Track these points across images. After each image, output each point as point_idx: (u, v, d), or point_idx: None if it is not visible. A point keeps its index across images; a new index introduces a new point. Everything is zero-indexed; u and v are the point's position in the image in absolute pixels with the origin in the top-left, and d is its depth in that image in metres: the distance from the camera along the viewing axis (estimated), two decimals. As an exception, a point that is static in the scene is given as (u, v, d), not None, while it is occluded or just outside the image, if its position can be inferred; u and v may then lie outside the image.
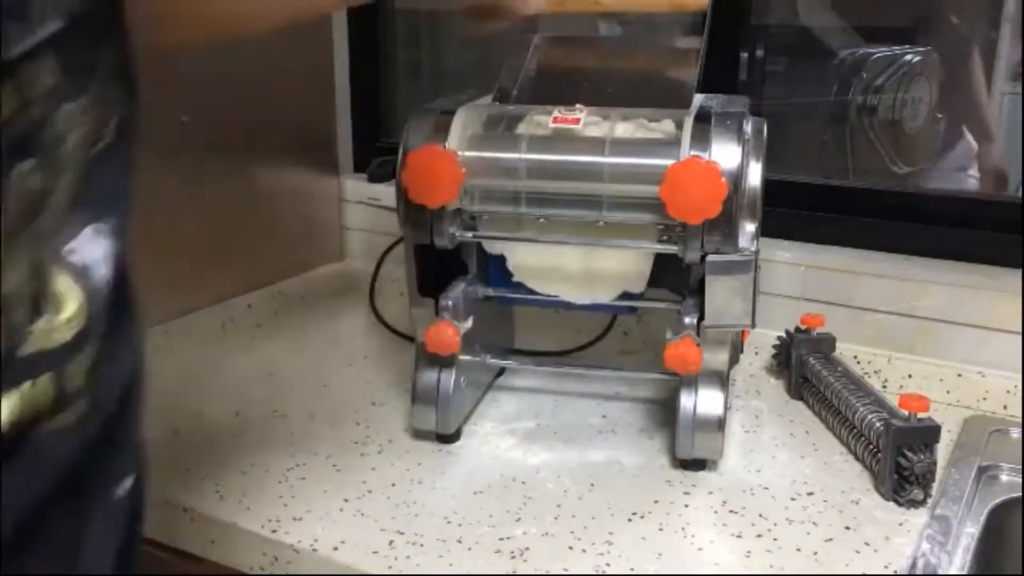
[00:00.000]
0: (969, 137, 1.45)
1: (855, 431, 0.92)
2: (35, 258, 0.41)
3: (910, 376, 1.07)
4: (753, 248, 0.86)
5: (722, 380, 0.89)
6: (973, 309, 1.04)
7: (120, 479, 0.48)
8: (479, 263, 0.98)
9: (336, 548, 0.79)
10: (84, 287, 0.43)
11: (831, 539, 0.80)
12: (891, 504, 0.85)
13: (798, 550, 0.79)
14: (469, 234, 0.93)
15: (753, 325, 0.88)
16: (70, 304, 0.42)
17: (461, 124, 0.90)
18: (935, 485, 0.85)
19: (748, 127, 0.88)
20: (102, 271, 0.44)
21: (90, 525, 0.46)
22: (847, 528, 0.82)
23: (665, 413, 0.99)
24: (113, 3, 0.42)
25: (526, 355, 1.12)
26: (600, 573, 0.76)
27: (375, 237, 1.33)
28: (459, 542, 0.80)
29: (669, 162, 0.83)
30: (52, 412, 0.41)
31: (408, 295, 0.95)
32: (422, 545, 0.79)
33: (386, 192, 1.36)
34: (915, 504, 0.84)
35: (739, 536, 0.81)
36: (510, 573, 0.76)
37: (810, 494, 0.87)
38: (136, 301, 0.47)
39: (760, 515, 0.84)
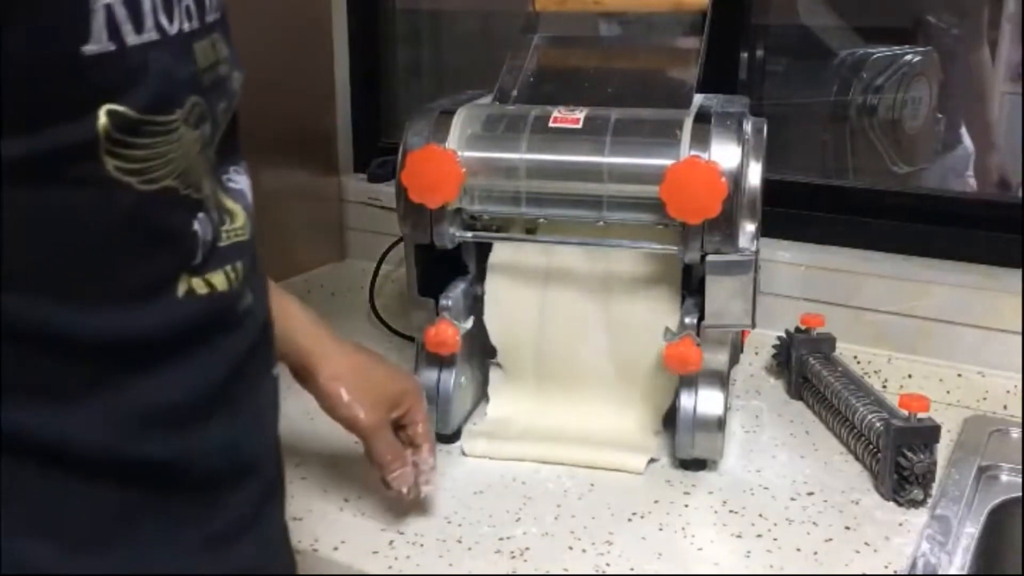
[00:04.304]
0: (967, 142, 1.45)
1: (855, 431, 0.92)
2: (214, 177, 0.53)
3: (910, 376, 1.07)
4: (753, 248, 0.86)
5: (722, 380, 0.89)
6: (973, 309, 1.04)
7: (274, 364, 0.61)
8: (479, 263, 0.98)
9: (336, 548, 0.79)
10: (243, 207, 0.56)
11: (831, 539, 0.80)
12: (891, 504, 0.85)
13: (798, 550, 0.79)
14: (469, 234, 0.93)
15: (753, 325, 0.88)
16: (239, 217, 0.55)
17: (461, 124, 0.90)
18: (935, 485, 0.85)
19: (748, 127, 0.88)
20: (248, 199, 0.58)
21: (262, 397, 0.58)
22: (847, 528, 0.82)
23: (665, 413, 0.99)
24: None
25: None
26: (600, 573, 0.76)
27: (375, 237, 1.32)
28: (459, 542, 0.80)
29: (669, 162, 0.83)
30: (232, 296, 0.53)
31: (408, 295, 0.96)
32: (422, 545, 0.79)
33: (386, 192, 1.36)
34: (915, 504, 0.84)
35: (739, 536, 0.81)
36: (510, 573, 0.76)
37: (810, 494, 0.87)
38: None
39: (760, 515, 0.84)
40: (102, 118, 0.44)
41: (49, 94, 0.43)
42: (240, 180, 0.58)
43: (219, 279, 0.52)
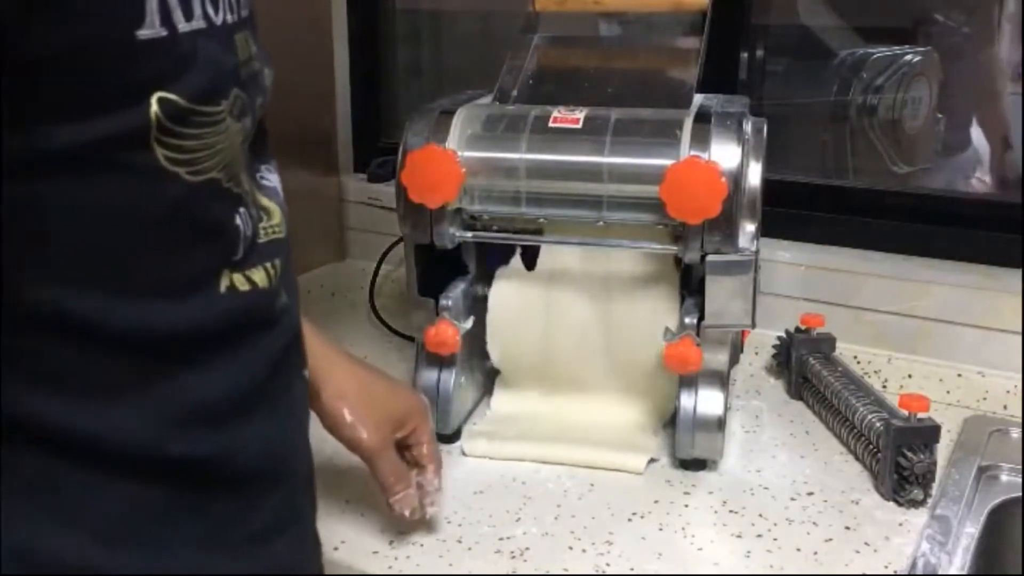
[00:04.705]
0: (976, 145, 1.44)
1: (855, 431, 0.92)
2: (250, 174, 0.54)
3: (910, 376, 1.07)
4: (753, 248, 0.86)
5: (722, 380, 0.89)
6: (973, 309, 1.04)
7: (305, 364, 0.60)
8: (479, 263, 0.98)
9: (336, 548, 0.79)
10: (278, 204, 0.57)
11: (831, 539, 0.80)
12: (891, 504, 0.85)
13: (798, 550, 0.79)
14: (469, 234, 0.93)
15: (753, 325, 0.88)
16: (275, 215, 0.56)
17: (461, 124, 0.90)
18: (935, 485, 0.85)
19: (748, 127, 0.88)
20: (281, 196, 0.58)
21: (296, 398, 0.58)
22: (847, 528, 0.82)
23: (665, 413, 0.99)
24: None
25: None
26: (600, 573, 0.76)
27: (375, 237, 1.32)
28: (459, 542, 0.80)
29: (669, 162, 0.83)
30: (271, 294, 0.53)
31: (408, 295, 0.96)
32: (422, 545, 0.79)
33: (386, 192, 1.36)
34: (915, 504, 0.84)
35: (739, 536, 0.81)
36: (510, 573, 0.76)
37: (810, 494, 0.87)
38: None
39: (760, 515, 0.84)
40: (153, 105, 0.44)
41: (104, 78, 0.43)
42: (272, 178, 0.58)
43: (259, 276, 0.52)
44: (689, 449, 0.89)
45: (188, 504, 0.51)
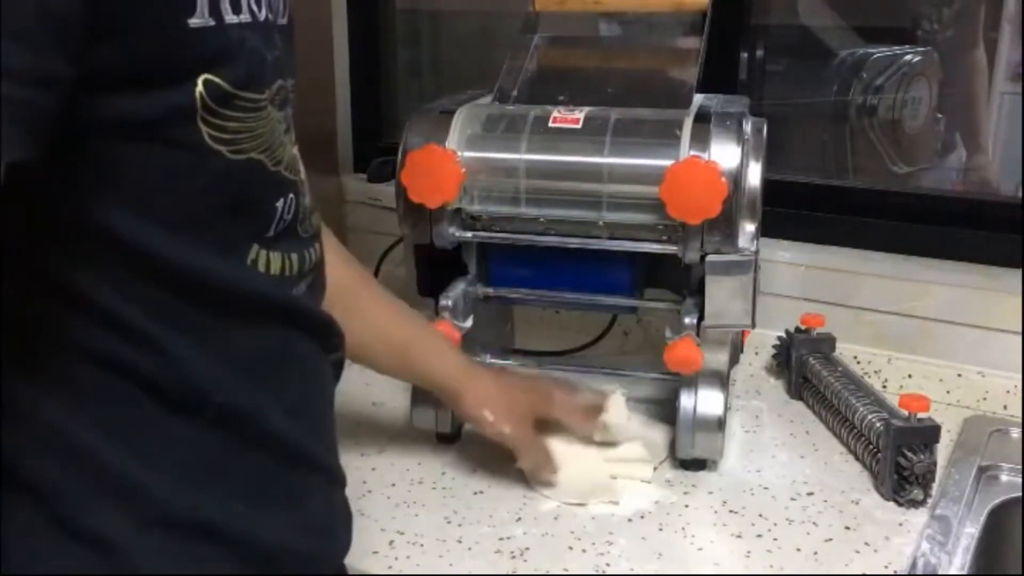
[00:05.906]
0: (962, 148, 1.45)
1: (855, 431, 0.92)
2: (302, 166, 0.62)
3: (910, 376, 1.07)
4: (753, 248, 0.86)
5: (722, 380, 0.89)
6: (973, 309, 1.04)
7: (335, 350, 0.65)
8: (479, 263, 0.98)
9: (336, 548, 0.79)
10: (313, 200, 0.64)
11: (831, 539, 0.80)
12: (891, 504, 0.85)
13: (798, 550, 0.79)
14: (469, 234, 0.93)
15: (753, 325, 0.88)
16: (316, 216, 0.64)
17: (461, 124, 0.90)
18: (935, 485, 0.85)
19: (748, 127, 0.88)
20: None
21: (324, 374, 0.64)
22: (847, 528, 0.82)
23: (665, 413, 0.99)
24: None
25: (526, 355, 1.12)
26: (600, 573, 0.76)
27: (375, 237, 1.32)
28: (459, 542, 0.80)
29: (669, 162, 0.83)
30: (298, 279, 0.59)
31: (408, 295, 0.95)
32: (422, 545, 0.79)
33: (386, 192, 1.36)
34: (915, 504, 0.84)
35: (739, 536, 0.81)
36: (510, 573, 0.76)
37: (810, 494, 0.87)
38: None
39: (760, 515, 0.84)
40: (199, 86, 0.49)
41: (158, 60, 0.47)
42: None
43: (277, 264, 0.56)
44: (689, 449, 0.89)
45: (238, 459, 0.56)
